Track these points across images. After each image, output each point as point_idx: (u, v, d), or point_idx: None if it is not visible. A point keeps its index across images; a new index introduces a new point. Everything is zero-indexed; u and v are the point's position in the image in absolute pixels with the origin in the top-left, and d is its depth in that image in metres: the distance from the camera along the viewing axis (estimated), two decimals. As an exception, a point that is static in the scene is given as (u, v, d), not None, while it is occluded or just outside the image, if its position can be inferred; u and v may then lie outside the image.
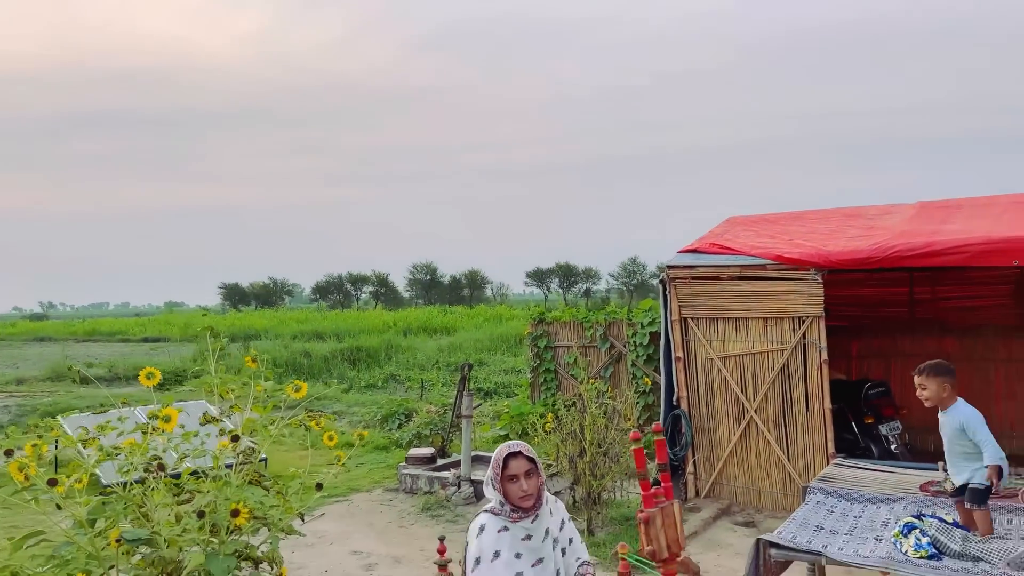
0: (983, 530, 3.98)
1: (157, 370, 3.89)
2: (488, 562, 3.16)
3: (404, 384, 17.79)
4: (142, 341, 34.63)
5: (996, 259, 5.67)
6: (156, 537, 3.51)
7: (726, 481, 6.97)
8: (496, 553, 3.19)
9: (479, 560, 3.18)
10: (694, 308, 7.13)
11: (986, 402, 8.24)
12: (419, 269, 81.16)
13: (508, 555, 3.21)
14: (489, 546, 3.21)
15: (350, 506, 7.50)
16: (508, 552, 3.21)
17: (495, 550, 3.20)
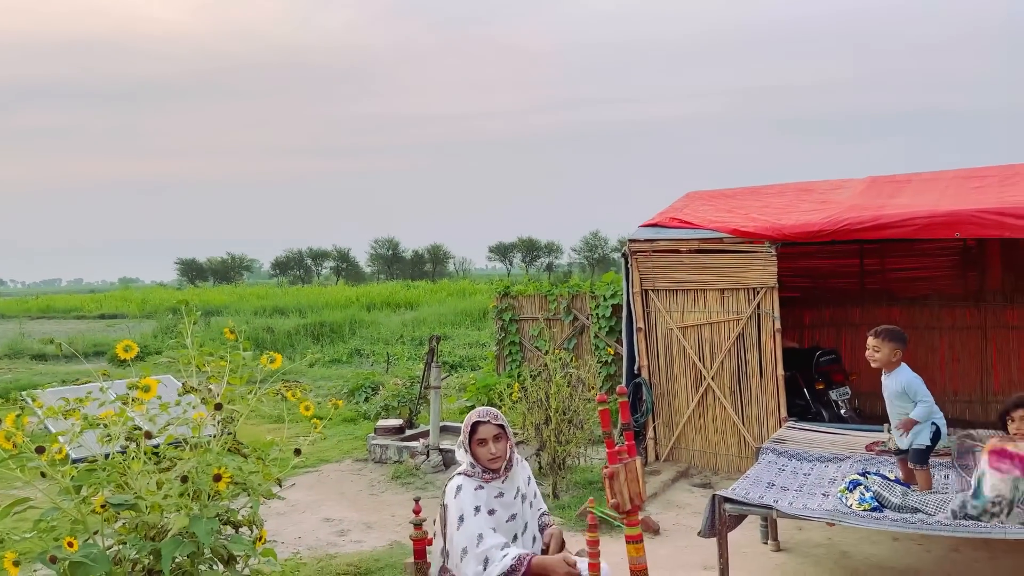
0: (924, 486, 4.29)
1: (134, 343, 3.98)
2: (472, 517, 3.36)
3: (369, 359, 17.87)
4: (98, 318, 34.00)
5: (939, 231, 5.96)
6: (139, 502, 3.63)
7: (684, 445, 7.28)
8: (476, 508, 3.39)
9: (463, 517, 3.38)
10: (654, 280, 7.37)
11: (931, 368, 8.70)
12: (381, 244, 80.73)
13: (485, 510, 3.41)
14: (469, 503, 3.41)
15: (320, 476, 7.65)
16: (485, 508, 3.42)
17: (475, 505, 3.40)
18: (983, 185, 6.59)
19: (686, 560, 5.00)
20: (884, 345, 4.31)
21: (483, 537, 3.28)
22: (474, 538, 3.29)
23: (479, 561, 3.26)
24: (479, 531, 3.30)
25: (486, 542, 3.27)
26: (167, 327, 23.01)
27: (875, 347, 4.33)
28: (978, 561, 4.81)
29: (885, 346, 4.31)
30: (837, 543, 5.18)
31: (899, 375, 4.30)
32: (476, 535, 3.29)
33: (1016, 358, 8.42)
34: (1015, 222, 5.60)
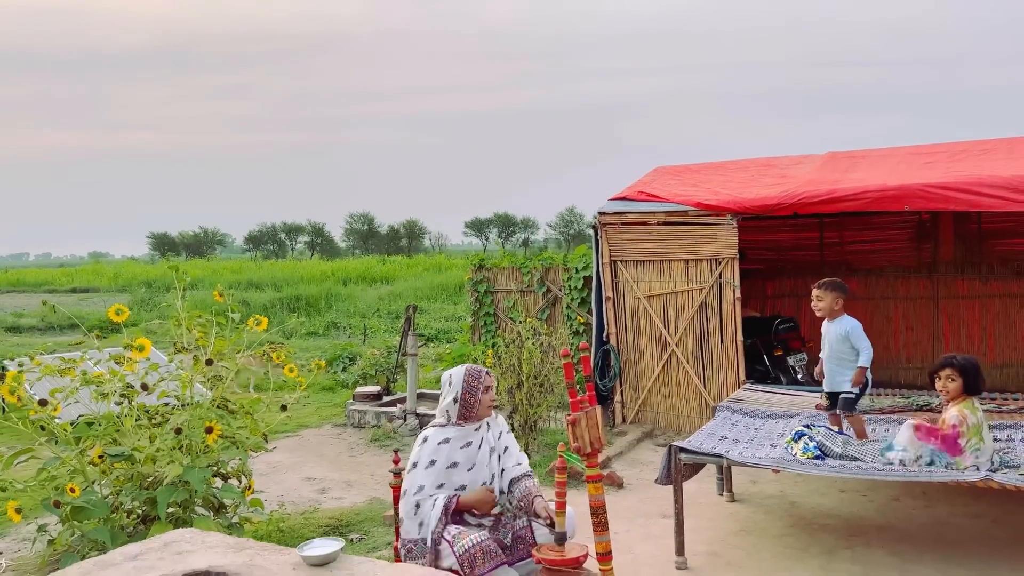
0: (858, 433, 4.67)
1: (125, 307, 4.21)
2: (423, 468, 3.69)
3: (346, 331, 18.08)
4: (70, 292, 33.70)
5: (890, 204, 6.31)
6: (135, 454, 3.89)
7: (650, 408, 7.64)
8: (431, 462, 3.71)
9: (416, 464, 3.72)
10: (623, 251, 7.67)
11: (886, 336, 9.13)
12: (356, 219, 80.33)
13: (442, 465, 3.72)
14: (427, 455, 3.73)
15: (301, 440, 7.92)
16: (443, 462, 3.72)
17: (431, 459, 3.72)
18: (932, 161, 6.94)
19: (646, 510, 5.36)
20: (827, 295, 4.74)
21: (423, 488, 3.64)
22: (415, 486, 3.65)
23: (411, 506, 3.63)
24: (422, 482, 3.66)
25: (423, 492, 3.64)
26: (141, 300, 23.00)
27: (819, 297, 4.77)
28: (915, 509, 5.21)
29: (828, 295, 4.74)
30: (788, 495, 5.56)
31: (842, 322, 4.74)
32: (418, 485, 3.65)
33: (965, 326, 8.88)
34: (958, 195, 5.96)
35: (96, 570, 2.61)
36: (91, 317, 18.47)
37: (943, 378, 4.26)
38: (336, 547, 2.61)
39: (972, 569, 4.20)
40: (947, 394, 4.28)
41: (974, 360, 4.30)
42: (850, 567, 4.30)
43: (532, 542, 3.67)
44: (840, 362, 4.70)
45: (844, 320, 4.74)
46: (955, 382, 4.21)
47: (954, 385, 4.21)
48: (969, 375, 4.20)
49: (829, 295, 4.75)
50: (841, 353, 4.69)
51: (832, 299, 4.74)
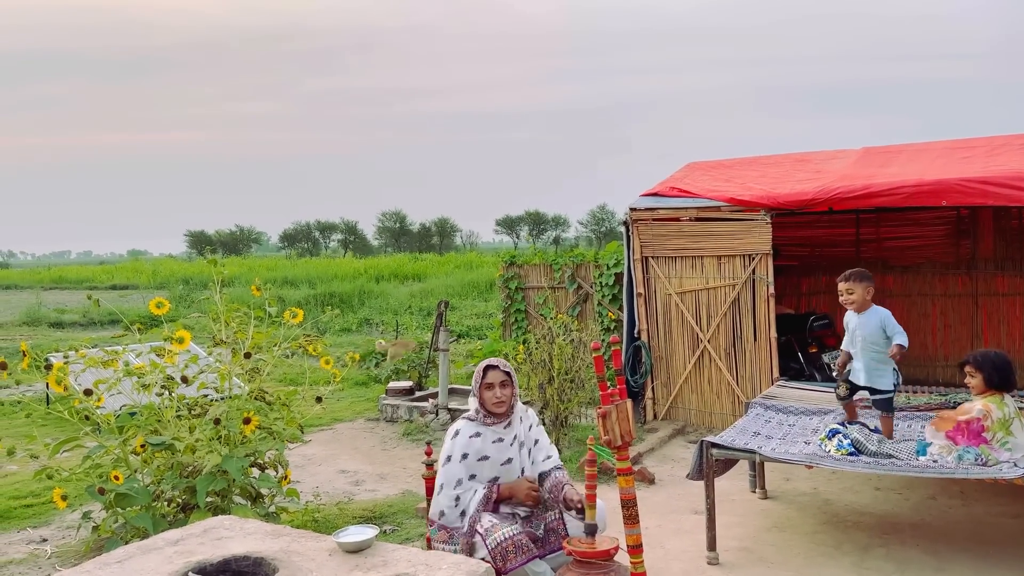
0: (887, 434, 4.61)
1: (166, 300, 4.32)
2: (457, 461, 3.74)
3: (379, 328, 18.25)
4: (110, 288, 34.46)
5: (926, 199, 6.21)
6: (175, 443, 3.98)
7: (681, 405, 7.62)
8: (464, 455, 3.76)
9: (450, 458, 3.76)
10: (654, 248, 7.65)
11: (923, 334, 9.00)
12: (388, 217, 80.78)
13: (473, 458, 3.77)
14: (460, 448, 3.78)
15: (335, 433, 8.03)
16: (474, 455, 3.77)
17: (464, 452, 3.77)
18: (970, 156, 6.82)
19: (678, 505, 5.35)
20: (858, 286, 4.60)
21: (460, 482, 3.70)
22: (452, 480, 3.70)
23: (451, 499, 3.67)
24: (458, 476, 3.72)
25: (462, 485, 3.69)
26: (179, 297, 23.43)
27: (848, 290, 4.62)
28: (952, 508, 5.14)
29: (859, 287, 4.60)
30: (821, 492, 5.52)
31: (875, 312, 4.60)
32: (456, 478, 3.70)
33: (1005, 324, 8.70)
34: (997, 190, 5.85)
35: (139, 554, 2.70)
36: (131, 313, 18.87)
37: (966, 375, 4.26)
38: (371, 534, 2.66)
39: (1010, 569, 4.13)
40: (972, 389, 4.28)
41: (994, 355, 4.24)
42: (884, 564, 4.26)
43: (564, 534, 3.71)
44: (877, 355, 4.58)
45: (876, 310, 4.63)
46: (975, 378, 4.22)
47: (975, 381, 4.22)
48: (986, 370, 4.16)
49: (860, 286, 4.61)
50: (877, 346, 4.58)
51: (863, 290, 4.62)
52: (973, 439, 4.01)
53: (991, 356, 4.23)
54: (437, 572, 2.47)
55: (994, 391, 4.17)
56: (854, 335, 4.68)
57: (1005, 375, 4.18)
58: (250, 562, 2.60)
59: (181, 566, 2.55)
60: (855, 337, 4.67)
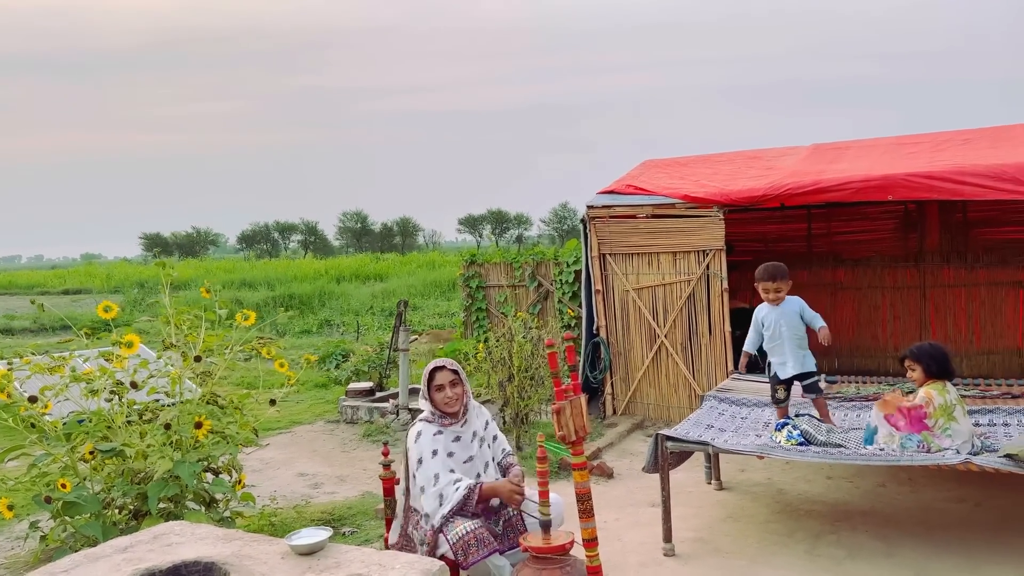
0: (825, 416, 4.80)
1: (114, 304, 4.24)
2: (430, 459, 3.72)
3: (339, 328, 18.10)
4: (62, 293, 33.62)
5: (873, 194, 6.37)
6: (125, 450, 3.92)
7: (640, 399, 7.70)
8: (434, 452, 3.75)
9: (421, 460, 3.74)
10: (611, 245, 7.72)
11: (873, 325, 9.20)
12: (349, 217, 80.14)
13: (443, 453, 3.77)
14: (428, 446, 3.76)
15: (293, 436, 7.96)
16: (443, 451, 3.77)
17: (433, 449, 3.76)
18: (916, 151, 7.01)
19: (636, 499, 5.42)
20: (784, 284, 4.89)
21: (439, 477, 3.68)
22: (431, 478, 3.67)
23: (435, 497, 3.64)
24: (435, 472, 3.69)
25: (441, 481, 3.66)
26: (134, 300, 22.98)
27: (777, 288, 4.88)
28: (901, 494, 5.28)
29: (785, 284, 4.88)
30: (775, 482, 5.62)
31: (792, 302, 4.98)
32: (433, 475, 3.67)
33: (951, 315, 8.95)
34: (941, 184, 6.02)
35: (86, 562, 2.66)
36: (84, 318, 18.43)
37: (907, 369, 4.42)
38: (323, 536, 2.65)
39: (955, 552, 4.26)
40: (914, 382, 4.45)
41: (929, 346, 4.43)
42: (835, 551, 4.36)
43: (522, 529, 3.73)
44: (800, 341, 4.90)
45: (791, 300, 4.96)
46: (915, 371, 4.39)
47: (915, 373, 4.41)
48: (924, 361, 4.33)
49: (786, 283, 4.92)
50: (799, 333, 4.87)
51: (786, 285, 4.92)
52: (915, 425, 4.13)
53: (927, 348, 4.41)
54: (390, 572, 2.47)
55: (934, 380, 4.31)
56: (777, 328, 4.90)
57: (943, 364, 4.33)
58: (200, 567, 2.58)
59: (129, 573, 2.51)
60: (778, 330, 4.89)
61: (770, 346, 4.92)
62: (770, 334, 4.91)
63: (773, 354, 4.91)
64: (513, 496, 3.66)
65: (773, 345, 4.90)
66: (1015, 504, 4.92)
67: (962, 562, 4.13)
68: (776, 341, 4.89)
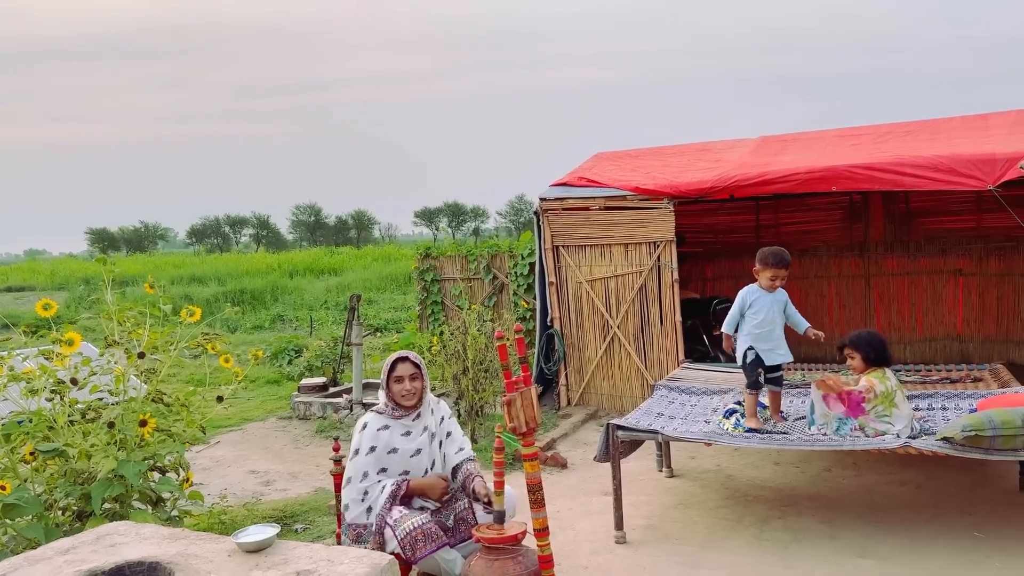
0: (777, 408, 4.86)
1: (53, 301, 4.13)
2: (364, 455, 3.73)
3: (292, 324, 17.88)
4: (5, 291, 32.57)
5: (818, 185, 6.51)
6: (67, 450, 3.82)
7: (594, 390, 7.77)
8: (372, 448, 3.75)
9: (357, 451, 3.75)
10: (564, 237, 7.77)
11: (820, 313, 9.43)
12: (302, 210, 79.15)
13: (382, 451, 3.76)
14: (368, 441, 3.76)
15: (244, 434, 7.85)
16: (383, 448, 3.76)
17: (371, 445, 3.76)
18: (858, 143, 7.18)
19: (588, 488, 5.47)
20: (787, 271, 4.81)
21: (367, 475, 3.69)
22: (359, 473, 3.69)
23: (359, 492, 3.68)
24: (365, 468, 3.70)
25: (369, 479, 3.68)
26: (79, 297, 22.36)
27: (784, 276, 4.75)
28: (845, 478, 5.42)
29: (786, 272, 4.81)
30: (724, 468, 5.73)
31: (782, 292, 4.83)
32: (362, 472, 3.69)
33: (895, 302, 9.23)
34: (882, 175, 6.18)
35: (26, 565, 2.59)
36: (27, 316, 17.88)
37: (847, 358, 4.52)
38: (271, 533, 2.62)
39: (897, 533, 4.40)
40: (853, 370, 4.55)
41: (867, 334, 4.53)
42: (781, 535, 4.46)
43: (474, 523, 3.74)
44: (781, 333, 4.78)
45: (781, 291, 4.86)
46: (854, 359, 4.48)
47: (855, 361, 4.50)
48: (862, 349, 4.44)
49: (785, 271, 4.77)
50: (780, 320, 4.81)
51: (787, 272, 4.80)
52: (853, 410, 4.24)
53: (864, 336, 4.52)
54: (339, 567, 2.46)
55: (874, 367, 4.43)
56: (770, 314, 4.72)
57: (881, 352, 4.45)
58: (144, 567, 2.53)
59: (71, 575, 2.46)
60: (771, 315, 4.72)
61: (757, 331, 4.72)
62: (760, 319, 4.71)
63: (760, 340, 4.73)
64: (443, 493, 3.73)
65: (762, 331, 4.71)
66: (953, 485, 5.10)
67: (903, 542, 4.27)
68: (767, 327, 4.72)
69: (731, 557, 4.20)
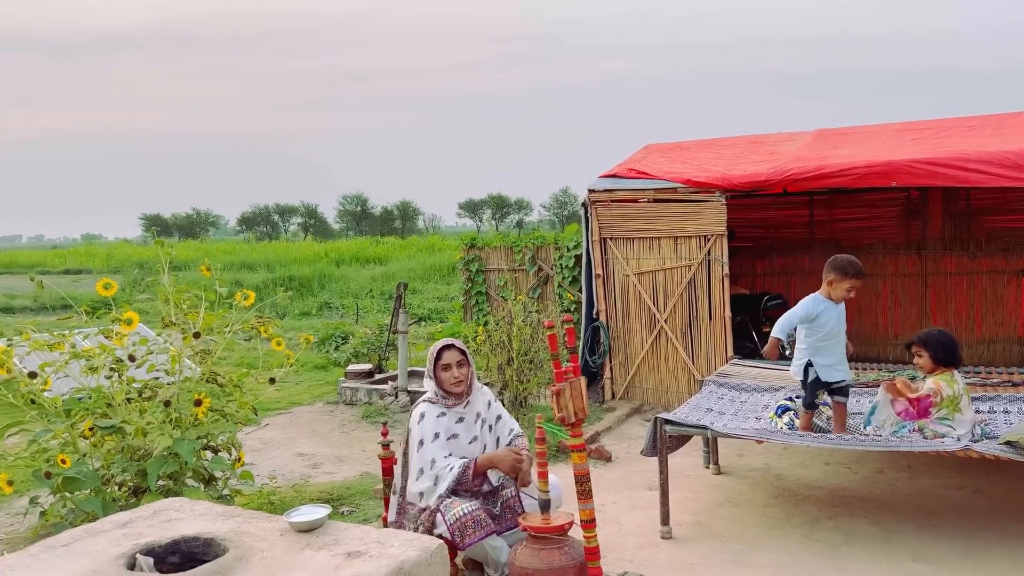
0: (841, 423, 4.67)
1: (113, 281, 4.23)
2: (430, 442, 3.73)
3: (338, 311, 18.10)
4: (63, 273, 33.61)
5: (877, 180, 6.34)
6: (125, 426, 3.91)
7: (639, 384, 7.71)
8: (435, 435, 3.75)
9: (422, 442, 3.74)
10: (612, 229, 7.70)
11: (874, 313, 9.20)
12: (349, 200, 79.98)
13: (444, 437, 3.77)
14: (430, 429, 3.76)
15: (292, 417, 7.97)
16: (445, 434, 3.77)
17: (435, 432, 3.76)
18: (920, 137, 6.97)
19: (633, 482, 5.43)
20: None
21: (435, 462, 3.69)
22: (429, 461, 3.69)
23: (431, 480, 3.67)
24: (432, 456, 3.70)
25: (438, 465, 3.67)
26: (134, 281, 22.96)
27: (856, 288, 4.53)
28: (899, 480, 5.29)
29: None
30: (772, 467, 5.63)
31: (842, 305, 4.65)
32: (430, 459, 3.69)
33: (952, 303, 8.94)
34: (945, 171, 5.99)
35: (86, 537, 2.66)
36: (84, 297, 18.46)
37: (914, 356, 4.38)
38: (323, 513, 2.65)
39: (952, 538, 4.27)
40: (921, 369, 4.40)
41: (938, 333, 4.35)
42: (832, 536, 4.37)
43: (520, 511, 3.73)
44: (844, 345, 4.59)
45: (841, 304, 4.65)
46: (922, 357, 4.33)
47: (922, 360, 4.34)
48: (932, 348, 4.28)
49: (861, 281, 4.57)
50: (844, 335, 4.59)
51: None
52: (920, 415, 4.12)
53: (935, 334, 4.35)
54: (389, 549, 2.47)
55: (943, 368, 4.28)
56: (835, 327, 4.51)
57: (951, 351, 4.30)
58: (200, 543, 2.58)
59: (129, 548, 2.51)
60: (837, 330, 4.51)
61: (819, 344, 4.50)
62: (825, 332, 4.48)
63: (820, 353, 4.50)
64: (514, 464, 3.67)
65: (824, 344, 4.50)
66: (1013, 491, 4.93)
67: (959, 547, 4.14)
68: (830, 341, 4.51)
69: (780, 557, 4.12)
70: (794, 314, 4.56)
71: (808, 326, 4.50)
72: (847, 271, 4.44)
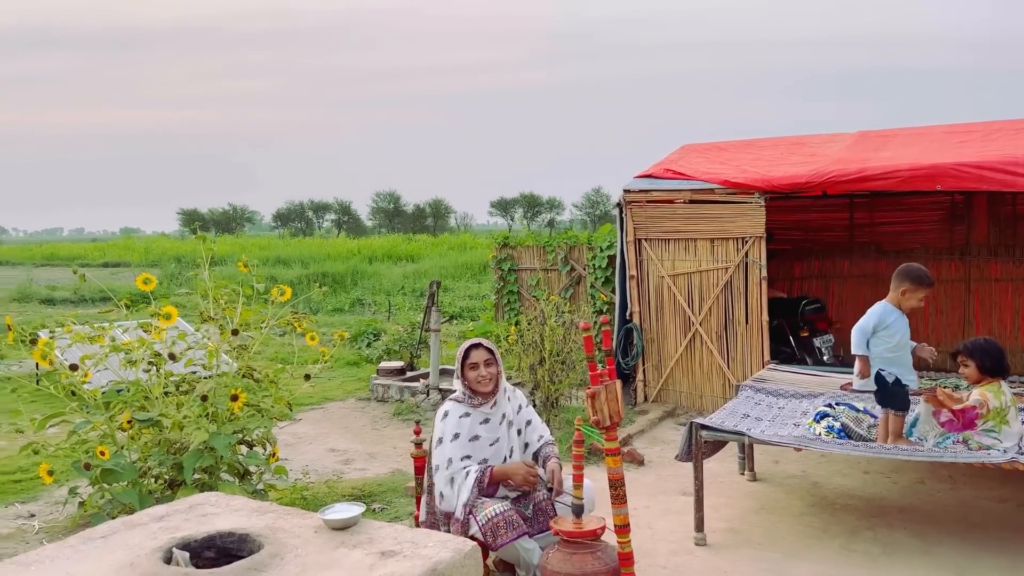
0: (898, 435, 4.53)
1: (152, 276, 4.27)
2: (449, 442, 3.72)
3: (371, 308, 18.21)
4: (102, 266, 34.32)
5: (921, 184, 6.19)
6: (162, 420, 3.95)
7: (672, 387, 7.62)
8: (456, 435, 3.74)
9: (441, 440, 3.74)
10: (647, 230, 7.63)
11: (915, 319, 8.90)
12: (382, 198, 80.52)
13: (465, 438, 3.75)
14: (451, 428, 3.75)
15: (325, 412, 8.02)
16: (466, 435, 3.75)
17: (455, 432, 3.75)
18: (966, 140, 6.80)
19: (667, 487, 5.36)
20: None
21: (452, 461, 3.68)
22: (445, 460, 3.68)
23: (446, 481, 3.66)
24: (449, 456, 3.69)
25: (454, 465, 3.67)
26: (171, 275, 23.34)
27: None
28: (940, 492, 5.16)
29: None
30: (809, 475, 5.53)
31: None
32: (448, 458, 3.68)
33: (997, 310, 8.72)
34: (992, 175, 5.83)
35: (124, 529, 2.68)
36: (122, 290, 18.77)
37: (960, 365, 4.25)
38: (357, 511, 2.64)
39: (995, 552, 4.15)
40: (967, 379, 4.27)
41: (984, 342, 4.22)
42: (871, 547, 4.27)
43: (552, 514, 3.70)
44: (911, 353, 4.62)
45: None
46: (968, 367, 4.20)
47: (968, 370, 4.20)
48: (978, 357, 4.15)
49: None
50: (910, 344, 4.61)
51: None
52: (966, 426, 4.01)
53: (981, 343, 4.22)
54: (423, 549, 2.46)
55: (989, 378, 4.16)
56: (904, 336, 4.57)
57: (998, 361, 4.17)
58: (235, 538, 2.58)
59: (165, 542, 2.53)
60: (905, 339, 4.57)
61: (889, 355, 4.53)
62: (895, 342, 4.55)
63: (891, 364, 4.49)
64: (527, 479, 3.64)
65: (895, 355, 4.53)
66: (1060, 506, 4.79)
67: (1003, 562, 4.02)
68: (900, 351, 4.56)
69: (817, 567, 4.04)
70: (867, 324, 4.60)
71: (878, 335, 4.54)
72: (923, 280, 4.51)
